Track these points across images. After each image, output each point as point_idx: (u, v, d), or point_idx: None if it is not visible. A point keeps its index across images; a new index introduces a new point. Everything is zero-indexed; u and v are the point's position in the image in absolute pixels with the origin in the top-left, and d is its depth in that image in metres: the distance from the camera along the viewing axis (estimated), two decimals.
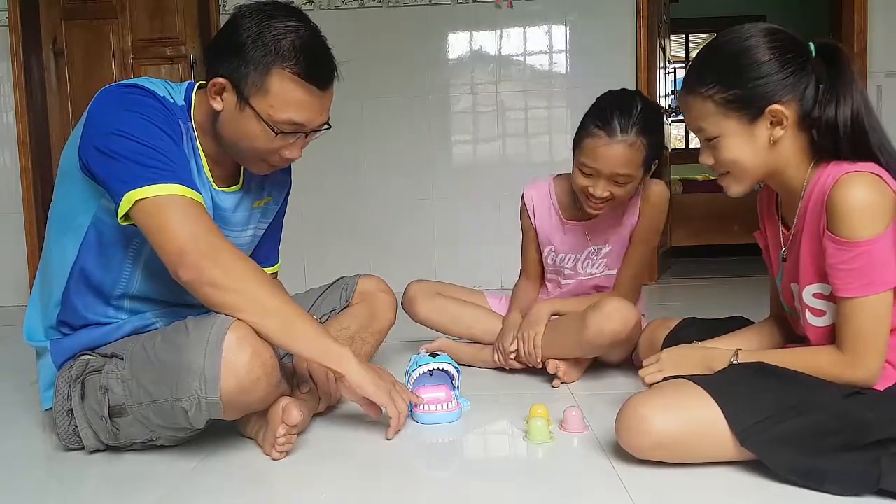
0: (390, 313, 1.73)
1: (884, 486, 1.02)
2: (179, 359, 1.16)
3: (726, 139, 1.15)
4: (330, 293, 1.74)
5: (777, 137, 1.14)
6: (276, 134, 1.25)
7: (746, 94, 1.12)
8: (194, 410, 1.17)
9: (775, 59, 1.11)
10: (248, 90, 1.22)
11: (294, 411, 1.24)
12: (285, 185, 1.57)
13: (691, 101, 1.18)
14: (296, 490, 1.20)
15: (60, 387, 1.30)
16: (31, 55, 3.60)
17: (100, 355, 1.31)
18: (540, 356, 1.74)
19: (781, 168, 1.17)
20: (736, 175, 1.19)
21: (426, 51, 3.56)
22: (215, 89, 1.25)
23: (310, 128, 1.29)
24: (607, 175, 1.60)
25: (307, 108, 1.25)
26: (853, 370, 1.11)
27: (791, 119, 1.13)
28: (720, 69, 1.15)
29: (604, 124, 1.57)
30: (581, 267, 1.88)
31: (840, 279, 1.09)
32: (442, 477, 1.23)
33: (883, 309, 1.08)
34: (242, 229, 1.45)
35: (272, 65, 1.21)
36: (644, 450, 1.15)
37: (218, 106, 1.26)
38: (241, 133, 1.26)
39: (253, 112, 1.23)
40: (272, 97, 1.22)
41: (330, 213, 3.64)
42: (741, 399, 1.11)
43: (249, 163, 1.33)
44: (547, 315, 1.78)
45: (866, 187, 1.06)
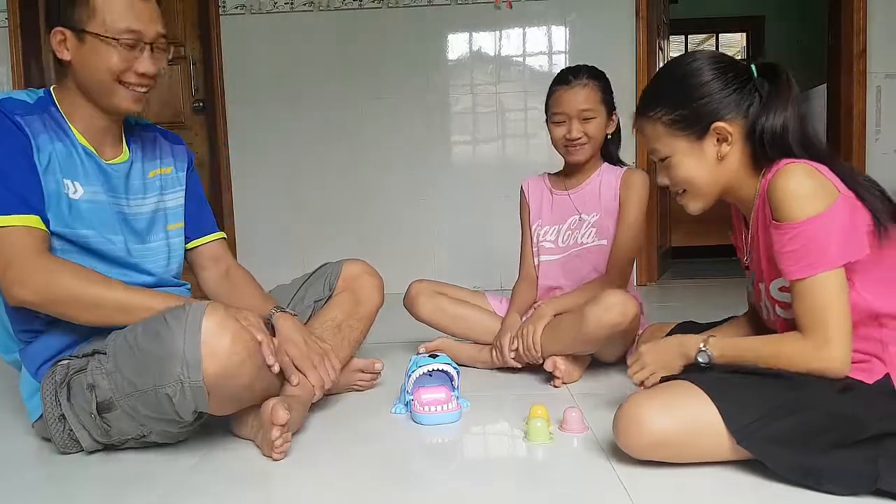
0: (376, 296, 1.72)
1: (881, 486, 1.03)
2: (160, 346, 1.17)
3: (677, 158, 1.23)
4: (313, 282, 1.73)
5: (724, 154, 1.20)
6: (119, 43, 1.31)
7: (692, 113, 1.20)
8: (179, 396, 1.17)
9: (717, 79, 1.19)
10: (80, 20, 1.30)
11: (280, 411, 1.24)
12: (183, 155, 1.59)
13: (643, 125, 1.26)
14: (295, 490, 1.20)
15: (47, 394, 1.30)
16: (31, 57, 3.60)
17: (79, 356, 1.31)
18: (540, 352, 1.75)
19: (733, 182, 1.23)
20: (692, 192, 1.26)
21: (426, 51, 3.56)
22: (57, 40, 1.32)
23: (148, 36, 1.34)
24: (575, 115, 1.84)
25: (136, 15, 1.32)
26: (817, 352, 1.11)
27: (736, 135, 1.19)
28: (667, 92, 1.23)
29: (561, 79, 1.90)
30: (562, 240, 1.95)
31: (785, 263, 1.12)
32: (442, 477, 1.23)
33: (833, 287, 1.09)
34: (142, 197, 1.47)
35: None
36: (641, 450, 1.15)
37: (66, 56, 1.33)
38: (92, 65, 1.32)
39: (93, 37, 1.30)
40: (101, 13, 1.30)
41: (330, 212, 3.64)
42: (737, 398, 1.12)
43: (113, 95, 1.35)
44: (549, 314, 1.79)
45: (800, 174, 1.10)
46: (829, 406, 1.08)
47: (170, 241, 1.51)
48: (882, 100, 3.39)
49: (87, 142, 1.38)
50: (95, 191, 1.36)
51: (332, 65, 3.56)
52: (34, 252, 1.24)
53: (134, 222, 1.44)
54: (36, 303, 1.25)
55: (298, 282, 1.75)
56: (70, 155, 1.34)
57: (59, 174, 1.32)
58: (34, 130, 1.30)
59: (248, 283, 1.59)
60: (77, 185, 1.34)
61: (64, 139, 1.34)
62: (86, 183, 1.35)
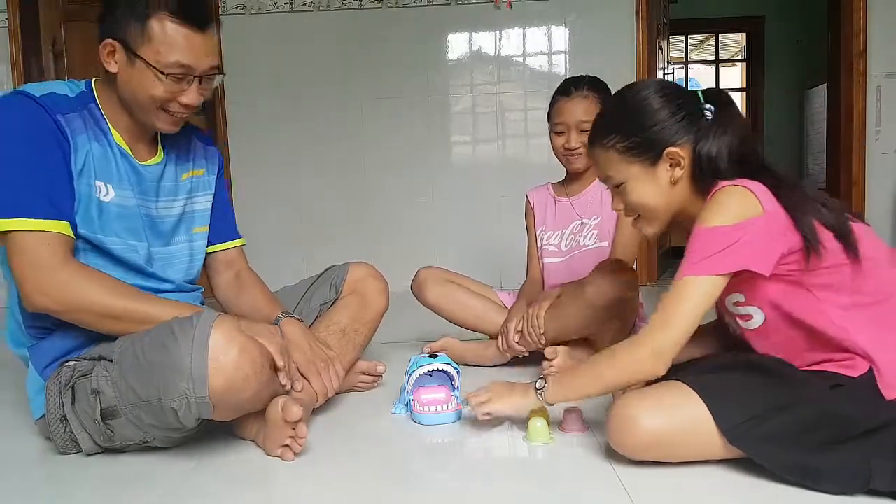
0: (381, 300, 1.73)
1: (874, 486, 1.04)
2: (167, 359, 1.15)
3: (631, 183, 1.26)
4: (319, 285, 1.74)
5: (677, 177, 1.24)
6: (167, 76, 1.29)
7: (644, 140, 1.24)
8: (184, 410, 1.16)
9: (667, 106, 1.24)
10: (134, 43, 1.28)
11: (293, 408, 1.24)
12: (214, 156, 1.59)
13: (597, 153, 1.30)
14: (295, 490, 1.20)
15: (51, 394, 1.30)
16: (31, 56, 3.60)
17: (86, 359, 1.31)
18: (543, 329, 1.75)
19: (685, 205, 1.27)
20: (646, 217, 1.29)
21: (426, 51, 3.56)
22: (107, 51, 1.30)
23: (198, 70, 1.32)
24: (574, 125, 1.87)
25: (190, 49, 1.30)
26: (639, 346, 1.16)
27: (687, 159, 1.23)
28: (619, 121, 1.27)
29: (561, 90, 1.93)
30: (565, 243, 1.96)
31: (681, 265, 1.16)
32: (442, 477, 1.23)
33: (693, 292, 1.12)
34: (172, 199, 1.47)
35: (149, 12, 1.27)
36: (634, 449, 1.16)
37: (113, 68, 1.31)
38: (137, 87, 1.31)
39: (143, 62, 1.29)
40: (156, 43, 1.28)
41: (330, 213, 3.64)
42: (728, 397, 1.13)
43: (153, 117, 1.36)
44: (554, 294, 1.81)
45: (730, 193, 1.14)
46: (821, 403, 1.09)
47: (193, 244, 1.51)
48: (882, 100, 3.39)
49: (123, 141, 1.38)
50: (126, 195, 1.37)
51: (332, 65, 3.56)
52: (59, 260, 1.24)
53: (160, 224, 1.45)
54: (56, 311, 1.26)
55: (305, 284, 1.75)
56: (105, 155, 1.34)
57: (93, 176, 1.32)
58: (74, 129, 1.30)
59: (255, 286, 1.59)
60: (109, 187, 1.34)
61: (101, 139, 1.34)
62: (118, 186, 1.36)
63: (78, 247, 1.30)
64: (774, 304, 1.17)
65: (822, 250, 1.10)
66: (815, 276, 1.13)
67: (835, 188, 3.62)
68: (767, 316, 1.19)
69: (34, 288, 1.23)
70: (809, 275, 1.12)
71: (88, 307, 1.25)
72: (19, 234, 1.22)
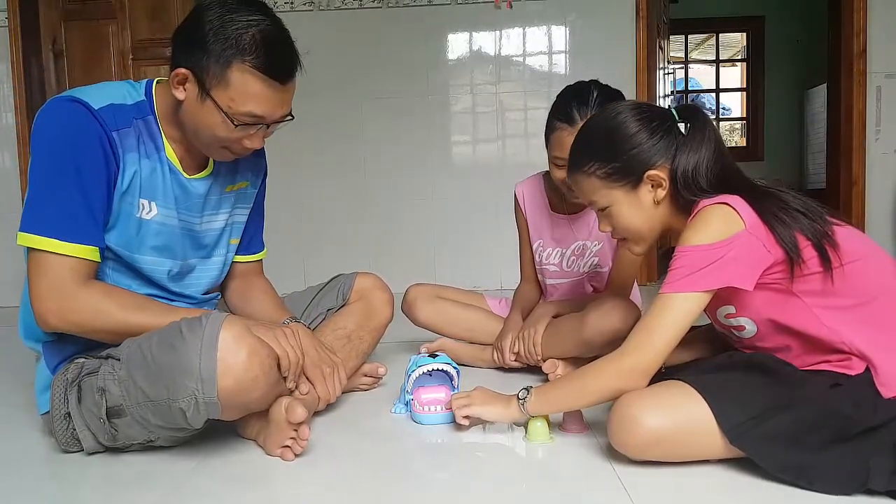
0: (387, 310, 1.73)
1: (871, 486, 1.04)
2: (175, 359, 1.15)
3: (616, 207, 1.28)
4: (327, 292, 1.74)
5: (660, 198, 1.25)
6: (236, 126, 1.26)
7: (624, 165, 1.24)
8: (192, 411, 1.16)
9: (643, 129, 1.24)
10: (210, 82, 1.24)
11: (298, 409, 1.24)
12: (260, 169, 1.59)
13: (579, 179, 1.31)
14: (295, 490, 1.20)
15: (57, 391, 1.30)
16: (31, 56, 3.60)
17: (94, 357, 1.31)
18: (540, 354, 1.74)
19: (670, 223, 1.28)
20: (633, 238, 1.31)
21: (426, 51, 3.56)
22: (178, 79, 1.26)
23: (270, 120, 1.30)
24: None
25: (267, 101, 1.26)
26: (620, 361, 1.17)
27: (668, 180, 1.23)
28: (597, 147, 1.27)
29: (565, 117, 1.66)
30: (567, 264, 1.90)
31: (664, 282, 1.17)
32: (442, 477, 1.23)
33: (677, 307, 1.14)
34: (215, 213, 1.47)
35: (233, 59, 1.22)
36: (635, 448, 1.16)
37: (181, 96, 1.27)
38: (202, 123, 1.28)
39: (213, 104, 1.25)
40: (232, 90, 1.24)
41: (330, 213, 3.64)
42: (730, 397, 1.13)
43: (211, 151, 1.35)
44: (548, 315, 1.78)
45: (713, 212, 1.16)
46: (822, 402, 1.09)
47: (228, 255, 1.52)
48: (882, 100, 3.39)
49: (174, 154, 1.35)
50: (170, 213, 1.35)
51: (332, 65, 3.56)
52: (77, 285, 1.22)
53: (202, 238, 1.45)
54: (68, 331, 1.26)
55: (312, 291, 1.76)
56: (154, 171, 1.32)
57: (137, 195, 1.30)
58: (126, 147, 1.27)
59: (264, 292, 1.59)
60: (153, 204, 1.33)
61: (153, 154, 1.32)
62: (163, 203, 1.34)
63: (109, 261, 1.30)
64: (764, 313, 1.18)
65: (802, 262, 1.12)
66: (802, 283, 1.14)
67: (835, 188, 3.63)
68: (759, 325, 1.20)
69: (48, 309, 1.22)
70: (796, 282, 1.14)
71: (101, 328, 1.25)
72: (42, 254, 1.21)
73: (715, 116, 6.80)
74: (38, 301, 1.23)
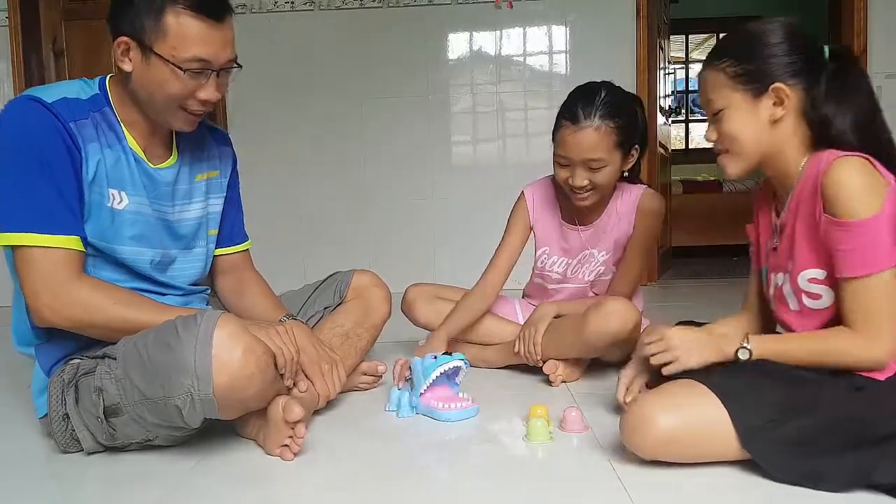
0: (384, 307, 1.73)
1: (876, 478, 1.03)
2: (171, 357, 1.15)
3: (730, 111, 1.22)
4: (324, 290, 1.74)
5: (778, 117, 1.20)
6: (185, 72, 1.26)
7: (755, 69, 1.20)
8: (188, 408, 1.16)
9: (787, 43, 1.20)
10: (149, 38, 1.24)
11: (295, 408, 1.24)
12: (228, 157, 1.57)
13: (707, 74, 1.27)
14: (295, 490, 1.20)
15: (54, 392, 1.30)
16: (31, 55, 3.60)
17: (90, 357, 1.31)
18: (540, 355, 1.74)
19: (777, 151, 1.22)
20: (733, 152, 1.24)
21: (426, 51, 3.56)
22: (120, 50, 1.27)
23: (217, 64, 1.29)
24: (580, 162, 1.66)
25: (207, 41, 1.26)
26: (868, 350, 1.12)
27: (793, 102, 1.19)
28: (737, 46, 1.24)
29: (570, 115, 1.65)
30: (571, 272, 1.89)
31: (843, 260, 1.12)
32: (442, 477, 1.23)
33: (886, 286, 1.10)
34: (187, 202, 1.45)
35: (164, 5, 1.23)
36: (649, 449, 1.15)
37: (128, 67, 1.27)
38: (154, 85, 1.27)
39: (159, 58, 1.25)
40: (172, 38, 1.24)
41: (329, 213, 3.64)
42: (747, 400, 1.11)
43: (170, 116, 1.33)
44: (549, 315, 1.78)
45: (856, 169, 1.11)
46: (840, 408, 1.08)
47: (209, 247, 1.51)
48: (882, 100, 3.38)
49: (137, 145, 1.35)
50: (141, 201, 1.35)
51: (332, 65, 3.56)
52: (67, 277, 1.23)
53: (178, 228, 1.43)
54: (64, 327, 1.26)
55: (309, 289, 1.75)
56: (118, 161, 1.32)
57: (105, 185, 1.30)
58: (85, 137, 1.27)
59: (260, 289, 1.59)
60: (123, 194, 1.32)
61: (115, 144, 1.32)
62: (132, 192, 1.34)
63: (88, 256, 1.30)
64: None
65: None
66: None
67: None
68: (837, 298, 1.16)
69: (43, 304, 1.22)
70: None
71: (96, 323, 1.25)
72: (28, 250, 1.22)
73: None
74: (32, 297, 1.23)
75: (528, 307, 1.98)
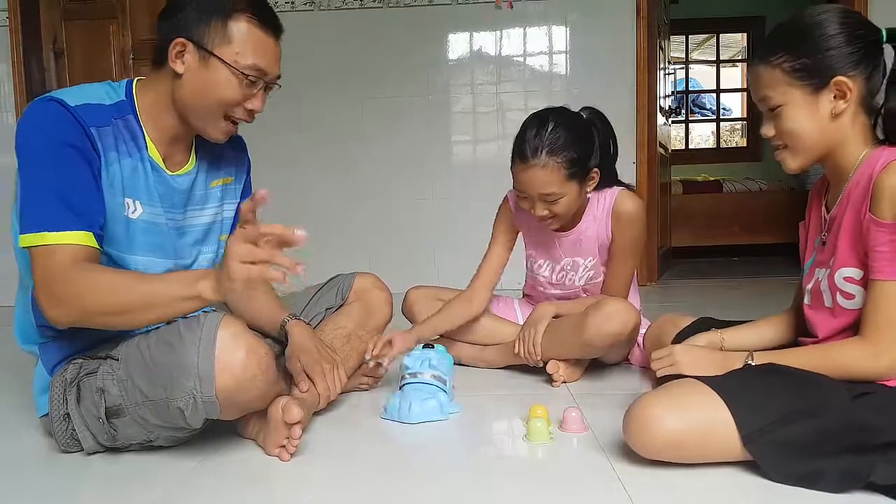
0: (386, 309, 1.73)
1: (874, 479, 1.02)
2: (173, 358, 1.15)
3: (789, 108, 1.18)
4: (326, 291, 1.74)
5: (839, 111, 1.16)
6: (244, 78, 1.28)
7: (814, 63, 1.15)
8: (191, 410, 1.16)
9: (845, 33, 1.15)
10: (211, 42, 1.26)
11: (294, 409, 1.24)
12: (243, 164, 1.57)
13: (760, 70, 1.21)
14: (295, 490, 1.20)
15: (55, 391, 1.30)
16: (32, 55, 3.60)
17: (93, 358, 1.31)
18: (539, 355, 1.74)
19: (837, 145, 1.19)
20: (793, 148, 1.21)
21: (426, 51, 3.56)
22: (175, 51, 1.27)
23: (270, 76, 1.33)
24: (536, 197, 1.66)
25: (268, 53, 1.30)
26: (875, 359, 1.11)
27: (854, 95, 1.15)
28: (791, 40, 1.18)
29: (518, 152, 1.65)
30: (557, 278, 1.88)
31: (876, 261, 1.11)
32: (442, 477, 1.23)
33: None
34: (200, 208, 1.45)
35: (232, 11, 1.26)
36: (653, 450, 1.14)
37: (179, 68, 1.28)
38: (207, 88, 1.28)
39: (219, 61, 1.27)
40: (236, 43, 1.27)
41: (329, 213, 3.64)
42: (751, 401, 1.11)
43: (211, 123, 1.33)
44: (548, 316, 1.78)
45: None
46: (844, 412, 1.07)
47: (219, 251, 1.50)
48: None
49: (157, 152, 1.34)
50: (156, 211, 1.34)
51: (332, 65, 3.56)
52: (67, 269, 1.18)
53: (189, 233, 1.43)
54: (73, 322, 1.22)
55: (311, 291, 1.75)
56: (135, 170, 1.31)
57: (121, 194, 1.29)
58: (105, 145, 1.26)
59: (263, 291, 1.58)
60: (138, 203, 1.31)
61: (134, 153, 1.31)
62: (147, 202, 1.33)
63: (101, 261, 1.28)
64: None
65: None
66: None
67: None
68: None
69: (53, 303, 1.18)
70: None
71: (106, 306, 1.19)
72: (39, 250, 1.19)
73: (715, 117, 6.81)
74: (41, 296, 1.19)
75: (528, 307, 1.98)
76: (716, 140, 6.98)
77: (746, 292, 3.38)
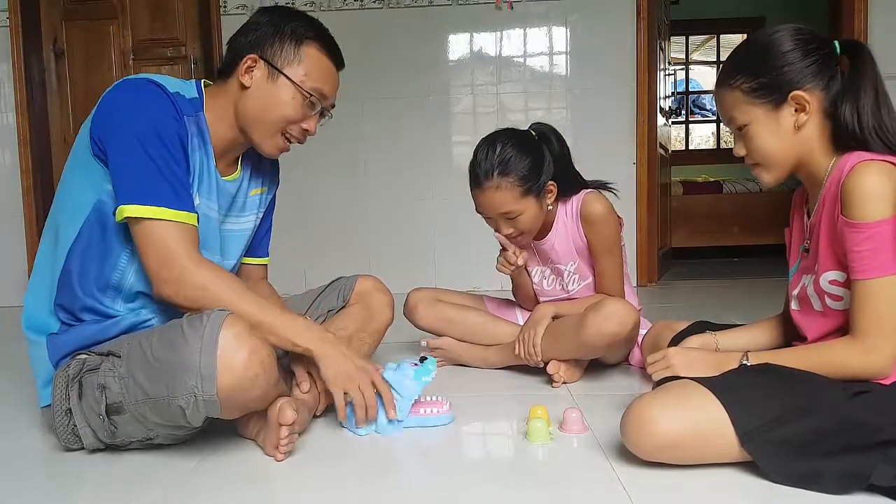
0: (387, 312, 1.73)
1: (874, 481, 1.03)
2: (175, 356, 1.16)
3: (754, 126, 1.22)
4: (327, 294, 1.74)
5: (801, 123, 1.19)
6: (307, 98, 1.36)
7: (771, 81, 1.19)
8: (191, 408, 1.17)
9: (798, 49, 1.19)
10: (282, 61, 1.36)
11: (288, 411, 1.24)
12: (276, 178, 1.64)
13: (723, 94, 1.26)
14: (295, 490, 1.20)
15: (58, 386, 1.30)
16: (32, 56, 3.61)
17: (96, 354, 1.31)
18: (540, 356, 1.74)
19: (807, 155, 1.22)
20: (765, 164, 1.24)
21: (426, 52, 3.56)
22: (246, 66, 1.35)
23: (328, 102, 1.42)
24: (496, 217, 1.72)
25: (331, 80, 1.41)
26: (867, 356, 1.12)
27: (814, 106, 1.19)
28: (748, 61, 1.23)
29: (473, 176, 1.72)
30: (548, 283, 1.90)
31: (855, 262, 1.12)
32: (442, 477, 1.23)
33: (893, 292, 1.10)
34: (240, 215, 1.52)
35: (305, 37, 1.37)
36: (650, 451, 1.15)
37: (247, 82, 1.35)
38: (271, 103, 1.36)
39: (287, 80, 1.35)
40: (305, 66, 1.37)
41: (330, 213, 3.64)
42: (747, 402, 1.11)
43: (267, 138, 1.40)
44: (548, 316, 1.78)
45: (877, 173, 1.10)
46: (841, 411, 1.07)
47: (240, 257, 1.56)
48: None
49: (215, 155, 1.40)
50: (210, 206, 1.40)
51: None
52: (189, 254, 1.26)
53: (230, 240, 1.49)
54: (181, 306, 1.27)
55: (313, 294, 1.76)
56: (202, 164, 1.37)
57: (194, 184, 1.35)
58: (191, 133, 1.33)
59: (269, 296, 1.59)
60: (199, 196, 1.36)
61: (201, 148, 1.36)
62: (206, 196, 1.38)
63: None
64: None
65: None
66: None
67: None
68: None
69: (167, 279, 1.25)
70: None
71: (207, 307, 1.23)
72: (152, 223, 1.24)
73: (715, 117, 6.81)
74: (153, 272, 1.26)
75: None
76: (716, 141, 6.98)
77: (746, 293, 3.38)
